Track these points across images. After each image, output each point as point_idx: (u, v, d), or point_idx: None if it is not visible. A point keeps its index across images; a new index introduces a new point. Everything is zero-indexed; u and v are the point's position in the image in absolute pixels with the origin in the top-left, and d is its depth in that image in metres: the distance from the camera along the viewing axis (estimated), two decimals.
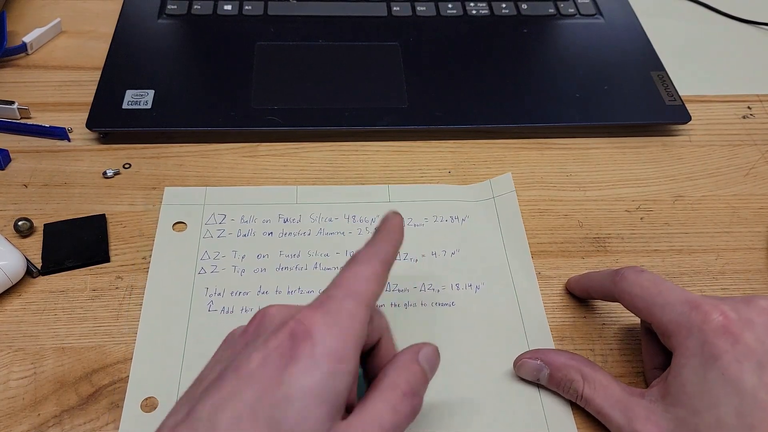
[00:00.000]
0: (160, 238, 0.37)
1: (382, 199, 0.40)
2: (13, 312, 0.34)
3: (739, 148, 0.46)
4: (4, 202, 0.39)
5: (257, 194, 0.40)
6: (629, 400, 0.29)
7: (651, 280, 0.31)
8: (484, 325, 0.35)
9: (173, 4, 0.51)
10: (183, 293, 0.35)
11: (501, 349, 0.34)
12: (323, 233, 0.38)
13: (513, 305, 0.36)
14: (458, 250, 0.38)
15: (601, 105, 0.46)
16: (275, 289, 0.36)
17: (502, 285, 0.37)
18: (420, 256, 0.38)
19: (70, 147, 0.42)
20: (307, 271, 0.37)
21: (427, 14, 0.52)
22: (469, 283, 0.37)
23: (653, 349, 0.33)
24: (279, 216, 0.39)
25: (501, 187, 0.41)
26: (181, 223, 0.38)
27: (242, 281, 0.36)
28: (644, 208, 0.42)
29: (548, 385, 0.32)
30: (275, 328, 0.24)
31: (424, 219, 0.39)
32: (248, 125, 0.43)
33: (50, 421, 0.31)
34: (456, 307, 0.36)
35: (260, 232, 0.38)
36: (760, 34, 0.56)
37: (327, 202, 0.40)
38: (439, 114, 0.44)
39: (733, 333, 0.27)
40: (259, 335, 0.24)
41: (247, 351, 0.23)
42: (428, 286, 0.36)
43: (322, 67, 0.47)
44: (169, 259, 0.36)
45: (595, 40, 0.51)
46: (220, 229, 0.38)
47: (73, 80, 0.47)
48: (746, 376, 0.26)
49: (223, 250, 0.37)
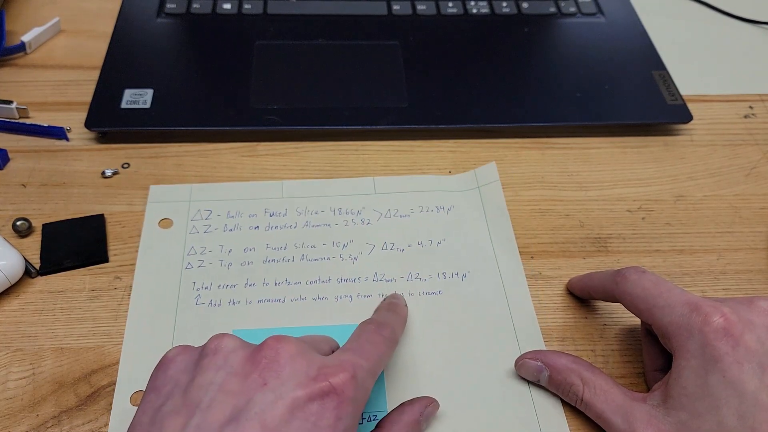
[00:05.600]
0: (146, 236, 0.37)
1: (368, 191, 0.41)
2: (12, 312, 0.34)
3: (740, 148, 0.46)
4: (3, 202, 0.39)
5: (243, 190, 0.40)
6: (630, 404, 0.29)
7: (652, 281, 0.30)
8: (472, 312, 0.35)
9: (172, 3, 0.51)
10: (170, 288, 0.35)
11: (489, 336, 0.34)
12: (309, 225, 0.38)
13: (499, 292, 0.36)
14: (444, 240, 0.38)
15: (602, 104, 0.46)
16: (263, 281, 0.36)
17: (489, 272, 0.37)
18: (407, 245, 0.38)
19: (69, 147, 0.42)
20: (293, 263, 0.37)
21: (427, 13, 0.52)
22: (456, 272, 0.37)
23: (654, 351, 0.32)
24: (265, 210, 0.39)
25: (485, 177, 0.41)
26: (166, 219, 0.38)
27: (229, 274, 0.36)
28: (645, 207, 0.41)
29: (548, 387, 0.32)
30: (298, 372, 0.24)
31: (410, 210, 0.40)
32: (247, 125, 0.43)
33: (49, 421, 0.30)
34: (443, 295, 0.36)
35: (246, 226, 0.38)
36: (762, 33, 0.56)
37: (313, 195, 0.40)
38: (439, 113, 0.44)
39: (733, 335, 0.27)
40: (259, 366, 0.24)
41: (266, 396, 0.23)
42: (415, 275, 0.37)
43: (322, 67, 0.47)
44: (155, 256, 0.36)
45: (596, 39, 0.51)
46: (207, 225, 0.38)
47: (72, 79, 0.46)
48: (747, 378, 0.26)
49: (210, 245, 0.37)
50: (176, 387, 0.25)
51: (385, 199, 0.40)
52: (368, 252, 0.37)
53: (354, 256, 0.37)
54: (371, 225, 0.39)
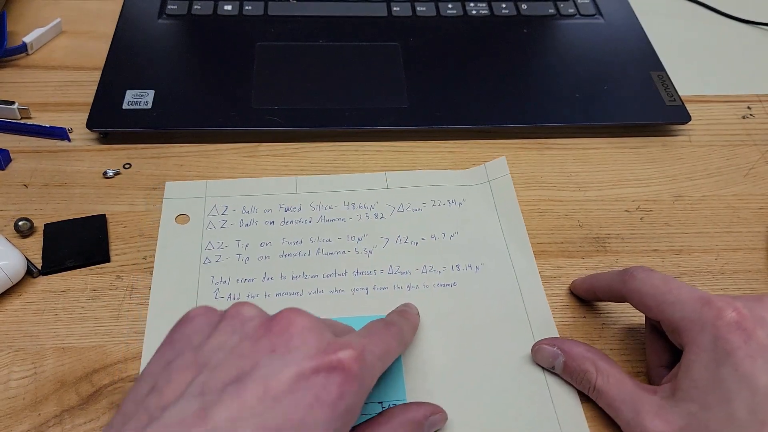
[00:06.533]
0: (164, 231, 0.38)
1: (380, 186, 0.41)
2: (14, 312, 0.34)
3: (738, 148, 0.46)
4: (5, 202, 0.39)
5: (257, 185, 0.40)
6: (641, 395, 0.29)
7: (661, 278, 0.31)
8: (486, 303, 0.36)
9: (173, 4, 0.51)
10: (190, 282, 0.36)
11: (504, 326, 0.35)
12: (324, 220, 0.39)
13: (512, 283, 0.37)
14: (457, 233, 0.39)
15: (601, 105, 0.46)
16: (280, 275, 0.36)
17: (501, 264, 0.38)
18: (420, 239, 0.38)
19: (71, 147, 0.42)
20: (310, 256, 0.37)
21: (427, 14, 0.52)
22: (469, 264, 0.37)
23: (659, 348, 0.33)
24: (280, 206, 0.39)
25: (495, 171, 0.42)
26: (183, 215, 0.39)
27: (247, 269, 0.37)
28: (644, 208, 0.42)
29: (562, 374, 0.32)
30: (307, 344, 0.24)
31: (422, 204, 0.40)
32: (248, 125, 0.43)
33: (51, 420, 0.31)
34: (457, 287, 0.36)
35: (262, 221, 0.39)
36: (760, 34, 0.56)
37: (326, 190, 0.40)
38: (439, 114, 0.44)
39: (746, 329, 0.27)
40: (271, 334, 0.24)
41: (273, 362, 0.23)
42: (429, 267, 0.37)
43: (323, 67, 0.47)
44: (173, 251, 0.37)
45: (595, 40, 0.51)
46: (223, 220, 0.38)
47: (74, 80, 0.47)
48: (759, 373, 0.26)
49: (227, 240, 0.38)
50: (190, 344, 0.25)
51: (397, 194, 0.40)
52: (383, 245, 0.38)
53: (369, 249, 0.38)
54: (384, 219, 0.39)
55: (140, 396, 0.23)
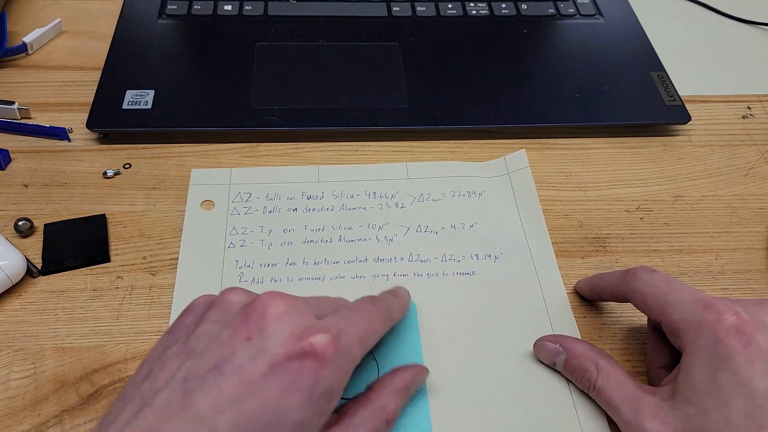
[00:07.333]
0: (190, 217, 0.39)
1: (401, 176, 0.42)
2: (14, 312, 0.34)
3: (738, 148, 0.46)
4: (5, 202, 0.39)
5: (280, 174, 0.41)
6: (640, 396, 0.29)
7: (663, 279, 0.31)
8: (505, 292, 0.36)
9: (173, 5, 0.51)
10: (214, 266, 0.37)
11: (522, 315, 0.36)
12: (346, 208, 0.40)
13: (531, 273, 0.37)
14: (476, 223, 0.39)
15: (601, 105, 0.46)
16: (302, 260, 0.37)
17: (520, 255, 0.38)
18: (440, 228, 0.39)
19: (71, 147, 0.42)
20: (331, 243, 0.38)
21: (427, 14, 0.52)
22: (488, 254, 0.38)
23: (659, 349, 0.33)
24: (302, 193, 0.40)
25: (515, 164, 0.42)
26: (208, 201, 0.39)
27: (270, 254, 0.37)
28: (644, 208, 0.42)
29: (563, 371, 0.33)
30: (282, 330, 0.24)
31: (442, 194, 0.41)
32: (248, 125, 0.43)
33: (50, 420, 0.31)
34: (476, 275, 0.37)
35: (285, 208, 0.39)
36: (760, 34, 0.56)
37: (348, 180, 0.41)
38: (439, 114, 0.44)
39: (745, 333, 0.27)
40: (248, 321, 0.25)
41: (248, 349, 0.24)
42: (449, 256, 0.38)
43: (322, 67, 0.47)
44: (199, 235, 0.38)
45: (595, 40, 0.51)
46: (247, 207, 0.39)
47: (74, 80, 0.47)
48: (757, 377, 0.26)
49: (251, 226, 0.38)
50: (185, 332, 0.26)
51: (417, 184, 0.41)
52: (403, 234, 0.39)
53: (390, 237, 0.38)
54: (405, 208, 0.40)
55: (138, 381, 0.24)
